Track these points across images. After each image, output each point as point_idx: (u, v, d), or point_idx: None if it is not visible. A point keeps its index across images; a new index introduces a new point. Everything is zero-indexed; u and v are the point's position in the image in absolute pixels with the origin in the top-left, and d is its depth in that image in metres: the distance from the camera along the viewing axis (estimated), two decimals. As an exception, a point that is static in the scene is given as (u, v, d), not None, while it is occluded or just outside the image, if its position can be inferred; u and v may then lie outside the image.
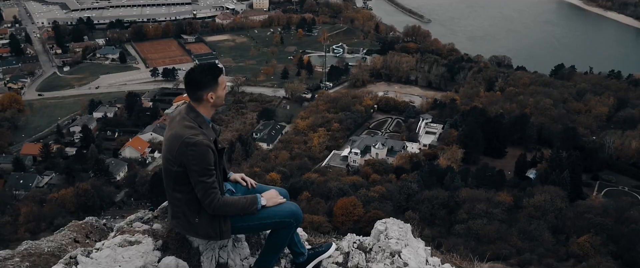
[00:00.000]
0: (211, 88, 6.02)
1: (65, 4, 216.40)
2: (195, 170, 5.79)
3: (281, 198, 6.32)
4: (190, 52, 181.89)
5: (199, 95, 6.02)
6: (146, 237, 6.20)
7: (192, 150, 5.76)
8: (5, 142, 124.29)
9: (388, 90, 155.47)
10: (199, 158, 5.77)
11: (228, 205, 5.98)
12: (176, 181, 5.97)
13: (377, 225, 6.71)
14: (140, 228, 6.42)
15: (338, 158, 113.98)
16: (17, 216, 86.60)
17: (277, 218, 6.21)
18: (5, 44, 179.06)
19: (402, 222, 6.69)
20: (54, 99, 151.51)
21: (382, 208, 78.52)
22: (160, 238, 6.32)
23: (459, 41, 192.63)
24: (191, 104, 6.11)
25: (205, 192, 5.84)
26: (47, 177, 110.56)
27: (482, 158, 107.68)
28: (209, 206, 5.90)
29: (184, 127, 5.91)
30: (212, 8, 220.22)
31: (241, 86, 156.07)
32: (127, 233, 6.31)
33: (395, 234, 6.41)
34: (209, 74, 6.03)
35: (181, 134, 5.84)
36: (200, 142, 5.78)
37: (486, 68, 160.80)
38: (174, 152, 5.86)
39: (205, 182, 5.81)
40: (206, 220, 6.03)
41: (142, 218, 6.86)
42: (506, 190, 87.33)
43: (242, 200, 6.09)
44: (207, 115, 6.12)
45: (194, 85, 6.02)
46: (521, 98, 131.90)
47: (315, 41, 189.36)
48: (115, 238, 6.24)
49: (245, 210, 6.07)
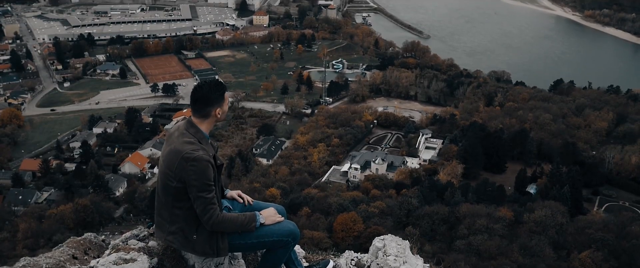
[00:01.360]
0: (219, 104, 6.15)
1: (67, 20, 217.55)
2: (195, 185, 5.80)
3: (279, 217, 6.32)
4: (190, 68, 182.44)
5: (208, 112, 6.11)
6: (141, 255, 6.18)
7: (192, 166, 5.78)
8: (4, 157, 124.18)
9: (388, 106, 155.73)
10: (199, 174, 5.78)
11: (227, 221, 5.98)
12: (175, 197, 5.97)
13: (375, 241, 6.71)
14: (136, 246, 6.40)
15: (338, 174, 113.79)
16: (16, 232, 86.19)
17: (275, 237, 6.20)
18: (6, 60, 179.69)
19: (400, 239, 6.66)
20: (54, 115, 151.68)
21: (382, 224, 78.24)
22: (155, 255, 6.30)
23: (458, 57, 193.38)
24: (192, 120, 6.15)
25: (205, 208, 5.84)
26: (47, 192, 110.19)
27: (482, 174, 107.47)
28: (207, 222, 5.89)
29: (183, 142, 5.94)
30: (212, 24, 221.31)
31: (241, 102, 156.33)
32: (122, 250, 6.30)
33: (393, 251, 6.40)
34: (217, 90, 6.16)
35: (181, 150, 5.86)
36: (200, 157, 5.81)
37: (485, 83, 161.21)
38: (174, 167, 5.87)
39: (205, 197, 5.82)
40: (204, 236, 6.02)
41: (138, 235, 6.84)
42: (506, 206, 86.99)
43: (240, 217, 6.09)
44: (207, 131, 6.17)
45: (204, 101, 6.11)
46: (521, 113, 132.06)
47: (315, 57, 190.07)
48: (110, 256, 6.22)
49: (243, 228, 6.06)
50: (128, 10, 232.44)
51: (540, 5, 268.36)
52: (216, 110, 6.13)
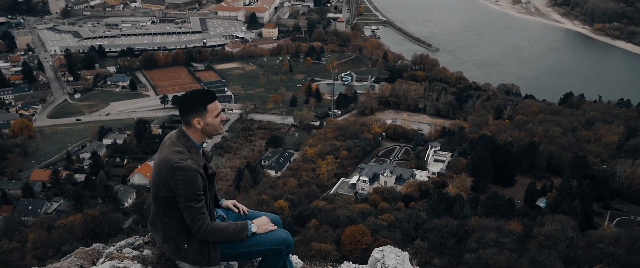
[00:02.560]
0: (198, 114, 6.04)
1: (78, 32, 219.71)
2: (183, 195, 5.78)
3: (272, 226, 6.28)
4: (199, 80, 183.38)
5: (187, 120, 6.08)
6: (135, 263, 6.20)
7: (180, 175, 5.76)
8: (15, 168, 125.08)
9: (396, 118, 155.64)
10: (187, 183, 5.76)
11: (217, 230, 5.94)
12: (165, 206, 5.96)
13: (374, 253, 6.65)
14: (130, 254, 6.42)
15: (346, 186, 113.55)
16: (25, 242, 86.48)
17: (268, 245, 6.16)
18: (18, 71, 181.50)
19: (399, 250, 6.60)
20: (64, 126, 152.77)
21: (390, 237, 77.80)
22: (149, 264, 6.31)
23: (467, 70, 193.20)
24: (183, 129, 6.15)
25: (194, 217, 5.82)
26: (56, 203, 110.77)
27: (491, 187, 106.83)
28: (197, 231, 5.87)
29: (173, 151, 5.93)
30: (222, 37, 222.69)
31: (250, 113, 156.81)
32: (116, 259, 6.31)
33: (392, 262, 6.35)
34: (198, 100, 6.06)
35: (170, 159, 5.85)
36: (188, 166, 5.77)
37: (495, 96, 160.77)
38: (163, 176, 5.87)
39: (193, 207, 5.79)
40: (195, 246, 6.00)
41: (133, 244, 6.85)
42: (516, 219, 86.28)
43: (231, 226, 6.06)
44: (198, 140, 6.10)
45: (183, 109, 6.10)
46: (530, 126, 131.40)
47: (324, 69, 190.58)
48: (104, 264, 6.24)
49: (234, 237, 6.01)
50: (139, 22, 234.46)
51: (549, 18, 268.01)
52: (195, 119, 6.03)
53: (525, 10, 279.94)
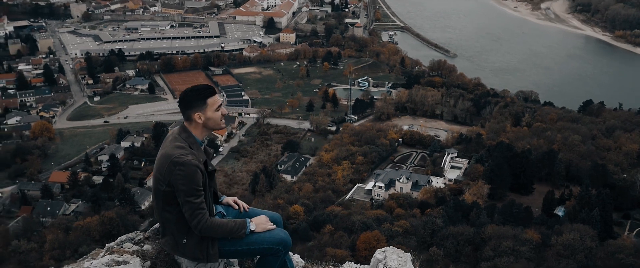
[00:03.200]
0: (199, 108, 6.13)
1: (98, 36, 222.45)
2: (182, 190, 5.82)
3: (271, 225, 6.30)
4: (217, 84, 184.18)
5: (188, 115, 6.17)
6: (134, 258, 6.24)
7: (180, 170, 5.80)
8: (35, 169, 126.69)
9: (413, 124, 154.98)
10: (186, 178, 5.80)
11: (215, 226, 5.97)
12: (165, 201, 6.00)
13: (376, 254, 6.63)
14: (130, 249, 6.47)
15: (362, 192, 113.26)
16: (43, 243, 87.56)
17: (266, 244, 6.19)
18: (40, 74, 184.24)
19: (402, 251, 6.55)
20: (83, 128, 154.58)
21: (406, 243, 77.38)
22: (149, 259, 6.36)
23: (485, 76, 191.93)
24: (185, 125, 6.23)
25: (193, 213, 5.85)
26: (74, 204, 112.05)
27: (508, 195, 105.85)
28: (196, 227, 5.90)
29: (174, 147, 6.00)
30: (240, 41, 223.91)
31: (266, 118, 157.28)
32: (115, 253, 6.37)
33: (394, 263, 6.31)
34: (198, 95, 6.17)
35: (171, 154, 5.92)
36: (188, 162, 5.82)
37: (513, 103, 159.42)
38: (163, 171, 5.93)
39: (193, 202, 5.83)
40: (194, 241, 6.04)
41: (133, 239, 6.91)
42: (533, 228, 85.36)
43: (230, 223, 6.08)
44: (199, 136, 6.16)
45: (184, 104, 6.20)
46: (549, 134, 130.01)
47: (341, 74, 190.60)
48: (104, 257, 6.29)
49: (233, 234, 6.04)
50: (158, 26, 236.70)
51: (569, 25, 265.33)
52: (196, 114, 6.11)
53: (545, 16, 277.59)
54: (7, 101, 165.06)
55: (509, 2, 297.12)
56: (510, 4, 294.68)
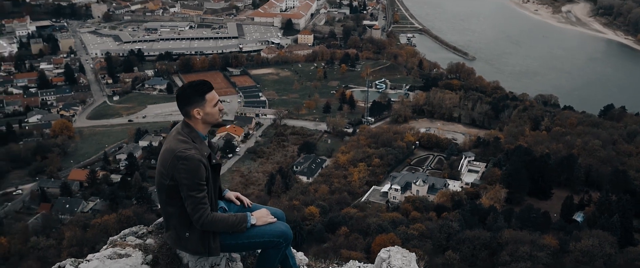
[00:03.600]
0: (197, 104, 6.13)
1: (118, 36, 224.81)
2: (185, 184, 5.85)
3: (272, 218, 6.32)
4: (235, 85, 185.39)
5: (186, 111, 6.17)
6: (136, 251, 6.28)
7: (183, 164, 5.83)
8: (54, 167, 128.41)
9: (430, 127, 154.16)
10: (189, 173, 5.82)
11: (217, 221, 5.99)
12: (168, 195, 6.03)
13: (380, 253, 6.59)
14: (133, 242, 6.52)
15: (378, 194, 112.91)
16: (62, 240, 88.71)
17: (267, 237, 6.20)
18: (61, 73, 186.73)
19: (406, 251, 6.50)
20: (102, 127, 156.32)
21: (421, 247, 76.94)
22: (151, 252, 6.41)
23: (504, 79, 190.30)
24: (186, 120, 6.25)
25: (195, 207, 5.87)
26: (92, 202, 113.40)
27: (526, 199, 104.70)
28: (197, 221, 5.92)
29: (177, 141, 6.02)
30: (258, 42, 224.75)
31: (283, 119, 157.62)
32: (118, 246, 6.41)
33: (398, 263, 6.25)
34: (195, 91, 6.17)
35: (174, 148, 5.94)
36: (191, 156, 5.84)
37: (532, 107, 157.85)
38: (167, 165, 5.95)
39: (195, 196, 5.85)
40: (196, 235, 6.06)
41: (137, 232, 6.95)
42: (552, 233, 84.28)
43: (231, 217, 6.11)
44: (202, 131, 6.19)
45: (182, 100, 6.20)
46: (568, 138, 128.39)
47: (358, 76, 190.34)
48: (106, 250, 6.32)
49: (234, 228, 6.06)
50: (177, 27, 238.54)
51: (590, 28, 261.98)
52: (195, 110, 6.12)
53: (566, 19, 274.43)
54: (28, 100, 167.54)
55: (530, 5, 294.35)
56: (530, 7, 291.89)
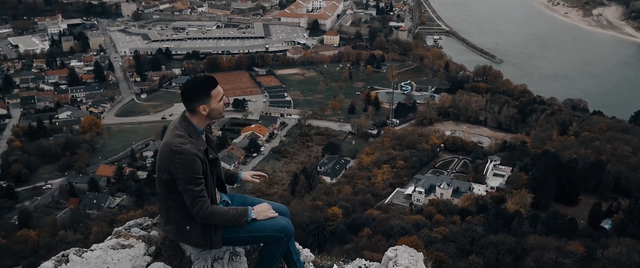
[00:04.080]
0: (203, 101, 6.18)
1: (147, 35, 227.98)
2: (182, 178, 5.92)
3: (273, 213, 6.34)
4: (260, 84, 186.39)
5: (193, 107, 6.21)
6: (139, 242, 6.31)
7: (179, 159, 5.89)
8: (83, 163, 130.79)
9: (456, 130, 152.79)
10: (185, 167, 5.88)
11: (216, 214, 6.04)
12: (167, 188, 6.12)
13: (387, 252, 6.58)
14: (137, 234, 6.61)
15: (401, 196, 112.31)
16: (88, 234, 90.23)
17: (267, 232, 6.23)
18: (90, 71, 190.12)
19: (414, 250, 6.47)
20: (129, 124, 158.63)
21: (444, 250, 76.39)
22: (154, 244, 6.48)
23: (532, 83, 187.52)
24: (185, 115, 6.29)
25: (193, 200, 5.94)
26: (119, 198, 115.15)
27: (553, 205, 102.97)
28: (197, 214, 5.98)
29: (174, 135, 6.09)
30: (284, 42, 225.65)
31: (308, 119, 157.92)
32: (122, 237, 6.53)
33: (404, 262, 6.23)
34: (202, 87, 6.21)
35: (170, 142, 6.02)
36: (186, 150, 5.90)
37: (560, 111, 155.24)
38: (164, 159, 6.03)
39: (192, 190, 5.91)
40: (197, 228, 6.13)
41: (141, 224, 7.08)
42: (578, 240, 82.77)
43: (232, 210, 6.15)
44: (200, 125, 6.23)
45: (188, 97, 6.22)
46: (597, 144, 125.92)
47: (384, 78, 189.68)
48: (110, 240, 6.44)
49: (234, 221, 6.09)
50: (204, 26, 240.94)
51: (622, 32, 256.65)
52: (201, 106, 6.16)
53: (597, 23, 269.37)
54: (59, 96, 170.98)
55: (559, 8, 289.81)
56: (560, 10, 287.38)
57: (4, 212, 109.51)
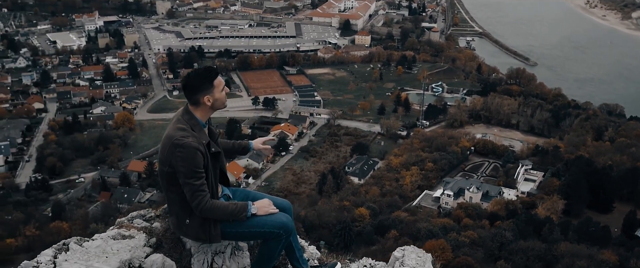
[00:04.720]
0: (207, 91, 6.15)
1: (180, 32, 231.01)
2: (182, 171, 5.90)
3: (273, 209, 6.27)
4: (291, 84, 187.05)
5: (196, 99, 6.18)
6: (140, 234, 6.33)
7: (180, 152, 5.89)
8: (115, 157, 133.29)
9: (487, 133, 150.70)
10: (186, 160, 5.87)
11: (216, 208, 6.01)
12: (168, 181, 6.11)
13: (395, 252, 6.49)
14: (139, 225, 6.65)
15: (430, 199, 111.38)
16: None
17: (267, 228, 6.17)
18: (124, 67, 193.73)
19: (422, 251, 6.36)
20: (161, 120, 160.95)
21: (472, 255, 75.41)
22: (155, 236, 6.48)
23: (566, 86, 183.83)
24: (188, 107, 6.29)
25: (193, 194, 5.92)
26: (149, 193, 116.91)
27: (585, 212, 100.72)
28: (196, 208, 5.96)
29: (176, 129, 6.10)
30: (315, 42, 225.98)
31: (337, 119, 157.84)
32: (124, 227, 6.57)
33: (412, 262, 6.13)
34: (204, 77, 6.18)
35: (172, 135, 6.03)
36: (188, 143, 5.89)
37: (595, 116, 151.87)
38: (165, 152, 6.04)
39: (193, 184, 5.89)
40: (197, 222, 6.10)
41: (144, 215, 7.12)
42: (611, 249, 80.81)
43: (231, 205, 6.12)
44: (203, 118, 6.22)
45: (190, 89, 6.21)
46: (634, 150, 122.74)
47: (415, 79, 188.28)
48: (112, 231, 6.48)
49: (234, 216, 6.06)
50: (237, 25, 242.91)
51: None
52: (204, 97, 6.13)
53: (636, 26, 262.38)
54: (94, 91, 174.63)
55: (597, 11, 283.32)
56: (598, 12, 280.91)
57: (38, 203, 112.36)
